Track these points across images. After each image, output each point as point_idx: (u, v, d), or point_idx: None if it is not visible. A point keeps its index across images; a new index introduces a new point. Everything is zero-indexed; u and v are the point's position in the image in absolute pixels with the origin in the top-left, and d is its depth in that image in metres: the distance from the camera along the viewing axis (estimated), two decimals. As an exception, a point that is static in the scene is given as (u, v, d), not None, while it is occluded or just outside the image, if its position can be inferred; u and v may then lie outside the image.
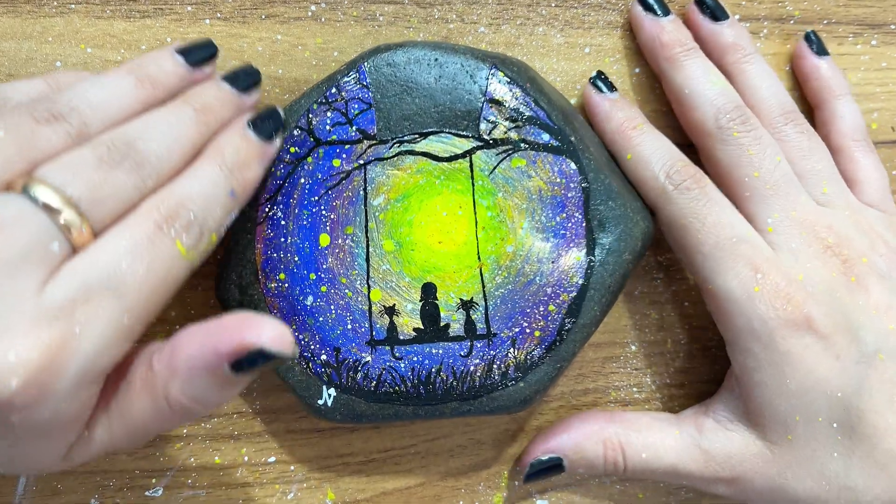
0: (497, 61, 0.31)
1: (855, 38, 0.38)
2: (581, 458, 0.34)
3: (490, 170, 0.31)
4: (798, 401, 0.31)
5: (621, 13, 0.36)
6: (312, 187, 0.31)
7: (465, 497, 0.37)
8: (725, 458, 0.33)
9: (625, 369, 0.38)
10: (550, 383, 0.31)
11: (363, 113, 0.31)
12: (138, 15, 0.34)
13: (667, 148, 0.33)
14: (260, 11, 0.34)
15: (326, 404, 0.31)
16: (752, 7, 0.37)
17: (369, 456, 0.37)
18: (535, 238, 0.31)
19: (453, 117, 0.31)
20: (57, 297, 0.22)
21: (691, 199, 0.32)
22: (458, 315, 0.31)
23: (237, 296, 0.31)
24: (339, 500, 0.37)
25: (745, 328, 0.31)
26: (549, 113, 0.31)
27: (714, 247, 0.31)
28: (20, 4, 0.33)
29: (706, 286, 0.32)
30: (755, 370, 0.31)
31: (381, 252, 0.31)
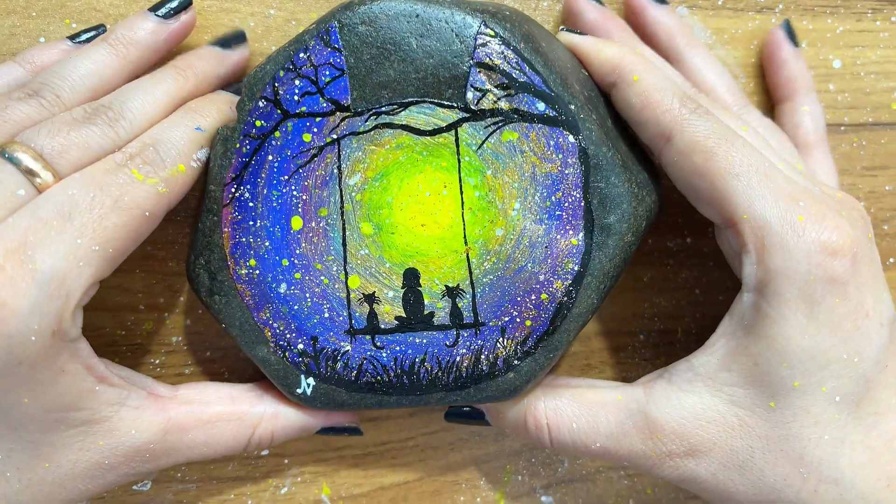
0: (487, 16, 0.28)
1: (874, 14, 0.36)
2: (502, 418, 0.31)
3: (478, 144, 0.28)
4: (809, 362, 0.27)
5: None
6: (281, 165, 0.29)
7: (465, 493, 0.36)
8: (677, 425, 0.28)
9: (633, 359, 0.36)
10: (541, 373, 0.29)
11: (335, 81, 0.28)
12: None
13: (673, 71, 0.31)
14: None
15: (305, 393, 0.29)
16: None
17: (366, 449, 0.36)
18: (528, 220, 0.29)
19: (437, 84, 0.28)
20: (10, 228, 0.25)
21: (715, 120, 0.28)
22: (444, 303, 0.29)
23: (207, 282, 0.29)
24: (335, 494, 0.36)
25: (781, 267, 0.26)
26: (546, 78, 0.28)
27: (750, 169, 0.27)
28: None
29: (737, 216, 0.27)
30: (773, 321, 0.27)
31: (359, 236, 0.29)
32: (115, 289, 0.33)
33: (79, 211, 0.25)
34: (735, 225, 0.27)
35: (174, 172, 0.27)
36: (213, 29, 0.33)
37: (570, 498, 0.36)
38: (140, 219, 0.26)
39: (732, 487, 0.28)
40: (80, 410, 0.27)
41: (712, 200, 0.28)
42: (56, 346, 0.25)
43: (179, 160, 0.28)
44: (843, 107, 0.36)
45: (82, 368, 0.27)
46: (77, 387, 0.27)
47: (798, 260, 0.26)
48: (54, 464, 0.27)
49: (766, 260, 0.27)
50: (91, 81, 0.29)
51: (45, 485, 0.27)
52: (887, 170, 0.37)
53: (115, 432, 0.28)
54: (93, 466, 0.28)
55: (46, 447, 0.27)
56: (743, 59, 0.36)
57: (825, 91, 0.36)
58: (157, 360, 0.34)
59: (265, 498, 0.35)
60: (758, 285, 0.27)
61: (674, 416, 0.28)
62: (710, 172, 0.28)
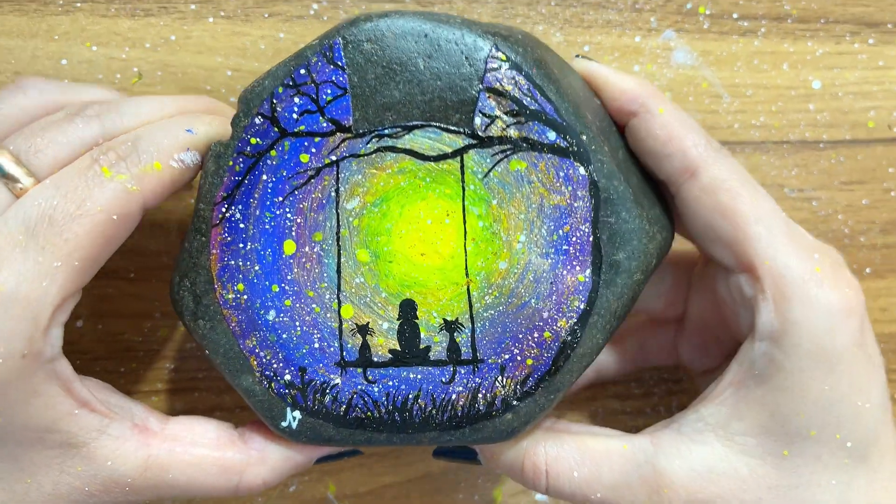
0: (499, 38, 0.27)
1: (852, 37, 0.39)
2: (498, 459, 0.30)
3: (484, 173, 0.27)
4: (826, 412, 0.27)
5: (619, 12, 0.37)
6: (276, 186, 0.27)
7: (464, 491, 0.38)
8: (687, 479, 0.27)
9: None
10: (541, 415, 0.28)
11: (337, 100, 0.27)
12: (142, 13, 0.35)
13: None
14: (262, 10, 0.35)
15: (291, 427, 0.28)
16: (749, 6, 0.38)
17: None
18: (533, 254, 0.27)
19: (444, 108, 0.27)
20: None
21: (738, 164, 0.28)
22: (441, 337, 0.28)
23: (191, 305, 0.28)
24: (341, 493, 0.38)
25: (801, 319, 0.26)
26: (558, 106, 0.27)
27: (773, 215, 0.27)
28: (26, 3, 0.34)
29: (758, 261, 0.27)
30: (791, 373, 0.27)
31: (355, 263, 0.27)
32: (133, 297, 0.35)
33: (41, 223, 0.25)
34: (753, 270, 0.27)
35: (147, 169, 0.26)
36: (224, 51, 0.35)
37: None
38: (107, 223, 0.25)
39: None
40: (56, 433, 0.26)
41: (733, 242, 0.27)
42: (28, 367, 0.25)
43: (157, 157, 0.26)
44: (822, 125, 0.39)
45: (60, 390, 0.26)
46: (54, 409, 0.26)
47: (819, 313, 0.26)
48: (36, 481, 0.27)
49: (784, 310, 0.26)
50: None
51: (30, 503, 0.27)
52: (864, 184, 0.39)
53: (93, 460, 0.27)
54: (74, 491, 0.27)
55: (27, 463, 0.26)
56: (728, 79, 0.38)
57: (806, 110, 0.38)
58: (171, 364, 0.36)
59: (274, 495, 0.37)
60: (773, 335, 0.27)
61: (684, 469, 0.27)
62: (734, 213, 0.27)
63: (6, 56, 0.34)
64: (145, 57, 0.35)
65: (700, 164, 0.28)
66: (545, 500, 0.38)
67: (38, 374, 0.25)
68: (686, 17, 0.38)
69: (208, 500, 0.36)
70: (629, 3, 0.37)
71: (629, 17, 0.37)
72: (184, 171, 0.27)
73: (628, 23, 0.37)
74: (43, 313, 0.24)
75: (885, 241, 0.39)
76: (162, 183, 0.26)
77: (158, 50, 0.35)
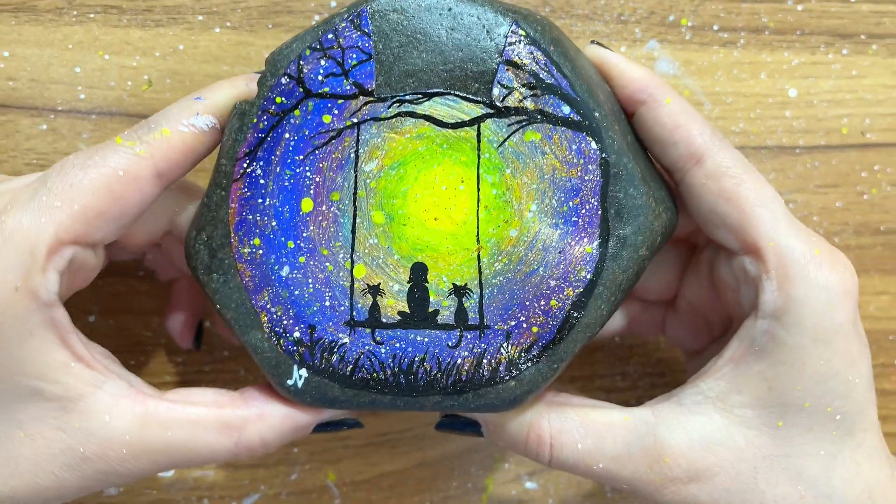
0: (519, 17, 0.28)
1: (826, 48, 0.40)
2: (501, 431, 0.30)
3: (500, 142, 0.28)
4: (821, 385, 0.28)
5: (606, 23, 0.39)
6: (298, 144, 0.28)
7: (458, 478, 0.40)
8: (687, 448, 0.29)
9: (609, 359, 0.40)
10: (544, 384, 0.28)
11: (361, 64, 0.28)
12: (152, 24, 0.37)
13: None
14: (266, 21, 0.37)
15: (296, 385, 0.28)
16: (729, 19, 0.39)
17: (368, 439, 0.40)
18: (543, 223, 0.28)
19: (464, 77, 0.28)
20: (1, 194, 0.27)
21: (740, 153, 0.30)
22: (449, 301, 0.28)
23: (206, 259, 0.28)
24: (340, 481, 0.39)
25: (803, 297, 0.28)
26: (573, 82, 0.28)
27: (775, 201, 0.29)
28: (42, 13, 0.36)
29: (762, 243, 0.28)
30: (791, 348, 0.28)
31: (370, 224, 0.28)
32: (143, 294, 0.37)
33: (53, 172, 0.27)
34: (758, 251, 0.28)
35: (156, 136, 0.27)
36: (230, 60, 0.37)
37: (552, 484, 0.40)
38: (111, 177, 0.27)
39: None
40: (52, 383, 0.27)
41: (737, 225, 0.29)
42: (22, 303, 0.26)
43: (165, 125, 0.28)
44: (798, 131, 0.40)
45: (55, 339, 0.27)
46: (48, 356, 0.26)
47: (819, 292, 0.28)
48: (29, 435, 0.27)
49: (788, 288, 0.28)
50: None
51: (22, 460, 0.27)
52: (837, 188, 0.41)
53: (89, 415, 0.27)
54: (67, 451, 0.27)
55: (22, 414, 0.27)
56: (709, 87, 0.40)
57: (782, 117, 0.40)
58: (179, 358, 0.38)
59: (277, 483, 0.39)
60: (776, 312, 0.28)
61: (684, 439, 0.29)
62: (739, 198, 0.29)
63: (22, 63, 0.36)
64: (155, 65, 0.37)
65: (705, 151, 0.29)
66: (535, 487, 0.40)
67: (33, 315, 0.26)
68: (669, 28, 0.39)
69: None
70: (615, 15, 0.39)
71: (615, 28, 0.39)
72: (197, 136, 0.28)
73: (614, 34, 0.39)
74: (39, 249, 0.26)
75: (857, 242, 0.41)
76: (172, 147, 0.27)
77: (167, 59, 0.37)
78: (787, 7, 0.40)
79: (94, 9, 0.36)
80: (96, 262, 0.28)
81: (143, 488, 0.38)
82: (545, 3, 0.38)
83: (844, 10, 0.40)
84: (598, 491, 0.40)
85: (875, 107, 0.40)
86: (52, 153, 0.37)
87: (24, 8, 0.36)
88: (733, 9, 0.39)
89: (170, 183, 0.28)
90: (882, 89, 0.40)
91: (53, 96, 0.37)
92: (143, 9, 0.37)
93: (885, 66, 0.40)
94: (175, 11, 0.37)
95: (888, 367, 0.41)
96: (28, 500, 0.27)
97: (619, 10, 0.39)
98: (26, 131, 0.37)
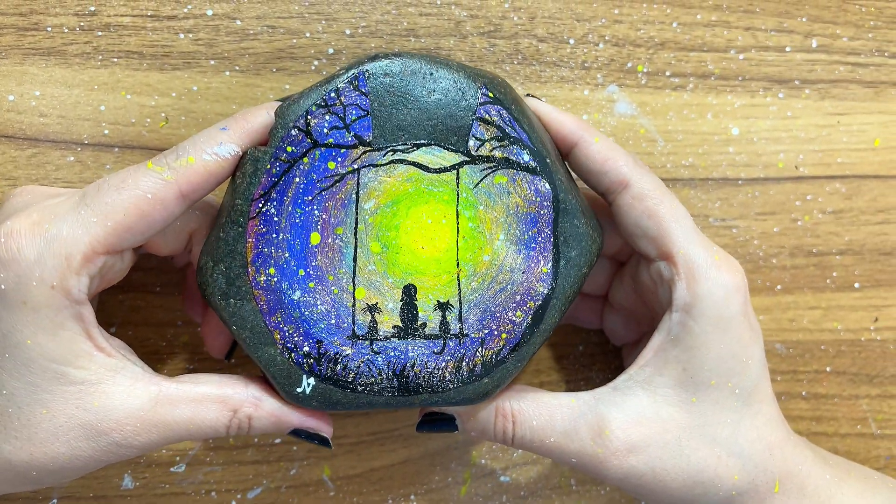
0: (486, 80, 0.32)
1: (765, 92, 0.44)
2: (473, 420, 0.34)
3: (475, 184, 0.32)
4: (722, 365, 0.33)
5: (571, 69, 0.43)
6: (307, 187, 0.31)
7: (440, 473, 0.43)
8: (623, 423, 0.33)
9: (574, 366, 0.44)
10: (510, 378, 0.33)
11: (360, 119, 0.32)
12: (170, 68, 0.40)
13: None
14: (271, 65, 0.41)
15: (305, 392, 0.32)
16: (679, 66, 0.43)
17: (360, 438, 0.43)
18: (510, 249, 0.32)
19: (445, 131, 0.32)
20: (45, 208, 0.30)
21: (657, 177, 0.34)
22: (435, 315, 0.32)
23: (223, 287, 0.31)
24: (334, 475, 0.43)
25: (706, 293, 0.32)
26: (530, 135, 0.32)
27: (685, 217, 0.34)
28: (71, 57, 0.39)
29: (674, 251, 0.33)
30: (698, 335, 0.33)
31: (368, 253, 0.32)
32: (159, 308, 0.41)
33: (92, 190, 0.30)
34: (671, 258, 0.33)
35: (182, 163, 0.30)
36: (239, 100, 0.40)
37: (523, 477, 0.43)
38: (141, 199, 0.30)
39: (667, 477, 0.33)
40: (78, 369, 0.30)
41: (656, 238, 0.34)
42: (56, 299, 0.29)
43: (191, 153, 0.31)
44: (740, 165, 0.44)
45: (81, 331, 0.30)
46: (76, 345, 0.30)
47: (717, 288, 0.33)
48: (51, 412, 0.30)
49: (694, 287, 0.33)
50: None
51: (41, 431, 0.30)
52: (775, 215, 0.44)
53: (108, 395, 0.30)
54: (85, 425, 0.30)
55: (46, 394, 0.29)
56: (661, 126, 0.43)
57: (726, 153, 0.43)
58: (191, 366, 0.41)
59: (278, 477, 0.42)
60: (685, 307, 0.33)
61: (620, 416, 0.33)
62: (658, 215, 0.34)
63: (52, 102, 0.39)
64: (172, 104, 0.40)
65: (632, 176, 0.34)
66: (508, 480, 0.44)
67: (65, 310, 0.29)
68: (627, 74, 0.43)
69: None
70: (579, 62, 0.42)
71: (579, 74, 0.42)
72: (220, 163, 0.31)
73: (578, 79, 0.42)
74: (75, 255, 0.29)
75: (792, 263, 0.44)
76: (196, 173, 0.30)
77: (183, 98, 0.40)
78: (730, 56, 0.43)
79: (117, 54, 0.39)
80: (123, 265, 0.32)
81: (157, 482, 0.41)
82: (517, 52, 0.42)
83: (780, 59, 0.44)
84: (564, 483, 0.44)
85: (807, 144, 0.44)
86: (79, 182, 0.39)
87: (54, 52, 0.39)
88: (683, 57, 0.43)
89: (193, 202, 0.31)
90: (814, 128, 0.44)
91: (80, 131, 0.39)
92: (161, 54, 0.39)
93: (816, 108, 0.44)
94: (190, 57, 0.40)
95: (820, 373, 0.45)
96: (43, 465, 0.30)
97: (582, 58, 0.42)
98: (55, 162, 0.39)
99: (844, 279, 0.45)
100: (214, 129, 0.31)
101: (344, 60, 0.41)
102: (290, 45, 0.41)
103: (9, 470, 0.30)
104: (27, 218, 0.29)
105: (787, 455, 0.35)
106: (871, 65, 0.45)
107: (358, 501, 0.43)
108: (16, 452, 0.30)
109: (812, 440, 0.44)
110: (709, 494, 0.34)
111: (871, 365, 0.45)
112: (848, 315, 0.45)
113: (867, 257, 0.45)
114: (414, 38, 0.41)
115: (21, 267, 0.29)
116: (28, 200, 0.32)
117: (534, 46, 0.42)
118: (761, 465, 0.34)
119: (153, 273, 0.40)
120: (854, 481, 0.36)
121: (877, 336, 0.45)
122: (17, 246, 0.29)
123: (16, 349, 0.29)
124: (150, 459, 0.41)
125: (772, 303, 0.45)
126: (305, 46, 0.41)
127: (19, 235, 0.29)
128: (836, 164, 0.45)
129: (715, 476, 0.33)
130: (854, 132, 0.45)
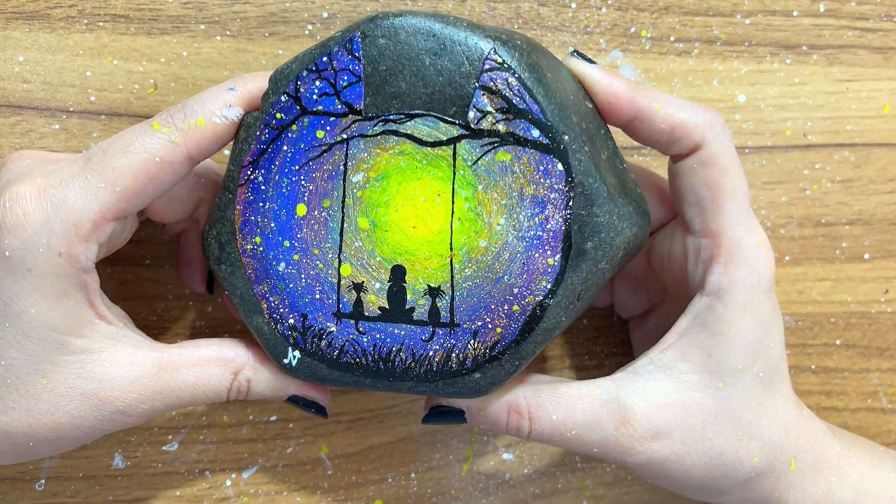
0: (499, 43, 0.29)
1: (772, 58, 0.43)
2: (482, 414, 0.33)
3: (473, 161, 0.30)
4: (749, 350, 0.32)
5: (573, 34, 0.42)
6: (294, 156, 0.30)
7: (440, 450, 0.43)
8: (646, 410, 0.32)
9: (577, 340, 0.43)
10: (507, 378, 0.31)
11: (351, 86, 0.30)
12: (158, 32, 0.39)
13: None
14: (263, 30, 0.40)
15: (291, 364, 0.31)
16: (684, 31, 0.43)
17: (358, 415, 0.42)
18: (510, 236, 0.30)
19: (443, 100, 0.30)
20: (50, 173, 0.29)
21: (732, 143, 0.32)
22: (424, 301, 0.31)
23: (216, 251, 0.31)
24: (332, 453, 0.42)
25: (742, 280, 0.31)
26: (544, 107, 0.29)
27: (745, 196, 0.32)
28: (55, 21, 0.38)
29: (722, 231, 0.32)
30: (728, 321, 0.32)
31: (356, 229, 0.31)
32: (149, 281, 0.40)
33: (97, 154, 0.29)
34: (717, 238, 0.32)
35: (191, 125, 0.30)
36: (230, 66, 0.39)
37: (527, 455, 0.43)
38: (149, 162, 0.29)
39: (690, 461, 0.32)
40: (79, 338, 0.29)
41: (708, 211, 0.32)
42: (62, 267, 0.28)
43: (200, 114, 0.30)
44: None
45: (85, 300, 0.30)
46: (78, 314, 0.29)
47: (752, 276, 0.32)
48: (52, 383, 0.29)
49: (731, 272, 0.31)
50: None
51: (41, 402, 0.29)
52: (783, 184, 0.44)
53: (112, 363, 0.30)
54: (88, 394, 0.30)
55: (47, 364, 0.29)
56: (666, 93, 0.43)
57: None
58: (182, 340, 0.40)
59: (274, 456, 0.41)
60: (718, 291, 0.32)
61: (643, 403, 0.32)
62: (718, 188, 0.31)
63: (35, 68, 0.38)
64: (160, 70, 0.39)
65: (706, 139, 0.31)
66: (511, 458, 0.43)
67: (70, 278, 0.29)
68: (630, 39, 0.42)
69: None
70: (582, 27, 0.41)
71: (581, 38, 0.41)
72: (229, 126, 0.30)
73: (581, 44, 0.41)
74: (83, 222, 0.28)
75: (801, 234, 0.44)
76: (205, 136, 0.30)
77: (172, 64, 0.39)
78: (736, 21, 0.42)
79: (103, 18, 0.38)
80: (126, 231, 0.32)
81: (149, 461, 0.40)
82: (518, 16, 0.41)
83: (788, 24, 0.43)
84: (569, 461, 0.43)
85: (815, 111, 0.43)
86: (64, 150, 0.38)
87: (37, 16, 0.38)
88: (688, 22, 0.42)
89: (198, 163, 0.31)
90: (822, 95, 0.43)
91: (65, 98, 0.38)
92: (149, 18, 0.38)
93: (825, 74, 0.43)
94: (179, 21, 0.39)
95: (830, 346, 0.44)
96: (43, 436, 0.30)
97: (585, 22, 0.41)
98: (40, 130, 0.38)
99: (854, 250, 0.44)
100: (222, 88, 0.31)
101: (339, 25, 0.40)
102: (282, 9, 0.40)
103: (4, 441, 0.30)
104: (32, 182, 0.29)
105: (800, 432, 0.34)
106: (881, 30, 0.44)
107: (357, 480, 0.42)
108: (14, 424, 0.30)
109: (821, 415, 0.44)
110: (728, 477, 0.33)
111: (881, 338, 0.45)
112: (858, 287, 0.44)
113: (877, 227, 0.44)
114: (411, 1, 0.40)
115: (27, 233, 0.28)
116: (28, 165, 0.31)
117: (534, 10, 0.41)
118: (779, 446, 0.34)
119: (143, 245, 0.40)
120: (860, 450, 0.36)
121: (887, 308, 0.45)
122: (24, 211, 0.28)
123: (17, 318, 0.29)
124: (141, 438, 0.40)
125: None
126: (299, 10, 0.40)
127: (25, 200, 0.28)
128: (845, 131, 0.44)
129: (735, 459, 0.33)
130: (863, 99, 0.44)
